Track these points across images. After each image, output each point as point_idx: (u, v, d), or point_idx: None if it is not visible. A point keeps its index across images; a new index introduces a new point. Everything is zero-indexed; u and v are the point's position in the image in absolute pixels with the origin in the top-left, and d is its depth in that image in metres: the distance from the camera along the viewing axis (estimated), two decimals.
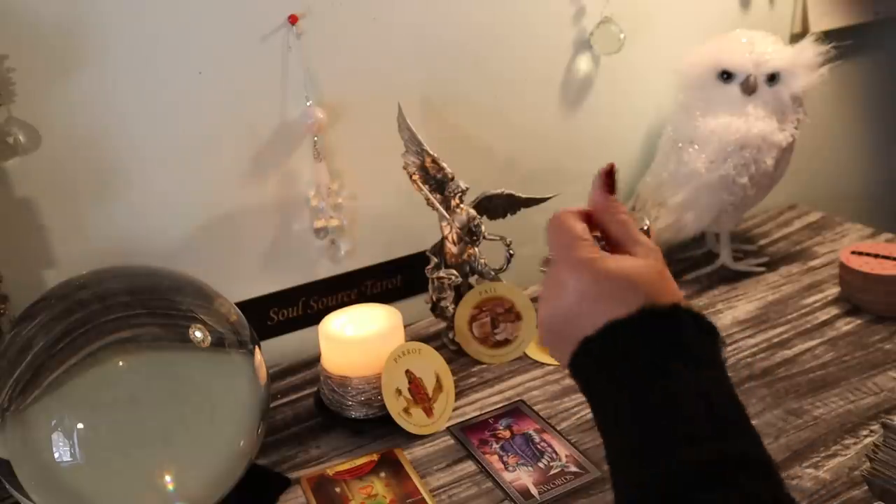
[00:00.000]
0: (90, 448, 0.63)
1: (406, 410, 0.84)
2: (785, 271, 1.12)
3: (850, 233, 1.21)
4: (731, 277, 1.11)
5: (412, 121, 0.92)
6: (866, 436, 0.78)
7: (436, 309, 0.98)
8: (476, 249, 0.97)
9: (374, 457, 0.81)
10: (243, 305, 0.92)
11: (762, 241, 1.21)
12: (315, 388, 0.91)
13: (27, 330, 0.66)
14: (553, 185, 1.03)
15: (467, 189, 0.94)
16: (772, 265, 1.13)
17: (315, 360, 0.90)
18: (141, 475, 0.65)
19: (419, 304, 1.03)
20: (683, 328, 0.48)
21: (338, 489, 0.77)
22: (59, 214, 0.86)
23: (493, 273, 0.97)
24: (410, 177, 0.94)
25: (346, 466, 0.80)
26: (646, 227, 0.68)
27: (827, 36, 1.06)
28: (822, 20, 1.26)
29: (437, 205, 0.94)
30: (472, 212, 0.95)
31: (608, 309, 0.49)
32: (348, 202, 0.99)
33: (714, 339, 0.50)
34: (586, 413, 0.86)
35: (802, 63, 1.03)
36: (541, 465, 0.78)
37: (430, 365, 0.88)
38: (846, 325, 0.97)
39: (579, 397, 0.88)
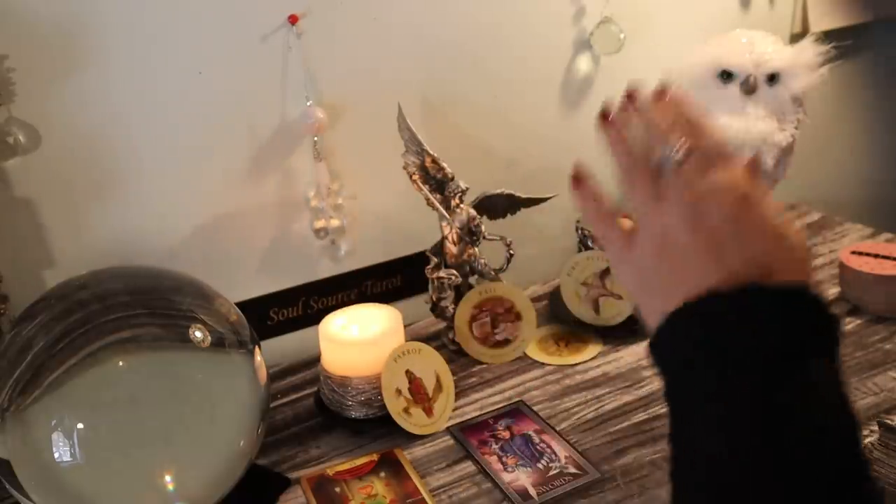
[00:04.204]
0: (90, 448, 0.63)
1: (406, 410, 0.84)
2: None
3: (850, 233, 1.21)
4: None
5: (412, 121, 0.92)
6: (866, 436, 0.78)
7: (436, 309, 0.98)
8: (476, 249, 0.97)
9: (374, 457, 0.81)
10: (243, 305, 0.92)
11: None
12: (315, 388, 0.91)
13: (27, 330, 0.66)
14: (553, 185, 1.02)
15: (467, 189, 0.94)
16: None
17: (315, 360, 0.90)
18: (141, 475, 0.65)
19: (419, 304, 1.03)
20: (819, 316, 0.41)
21: (338, 489, 0.77)
22: (59, 214, 0.86)
23: (493, 273, 0.97)
24: (410, 177, 0.94)
25: (346, 466, 0.80)
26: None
27: (827, 36, 1.06)
28: (822, 20, 1.26)
29: (437, 205, 0.94)
30: (472, 212, 0.96)
31: (756, 266, 0.40)
32: (348, 202, 0.99)
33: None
34: (586, 413, 0.85)
35: (802, 63, 1.03)
36: (540, 465, 0.78)
37: (430, 365, 0.88)
38: (846, 325, 0.97)
39: (579, 397, 0.88)
